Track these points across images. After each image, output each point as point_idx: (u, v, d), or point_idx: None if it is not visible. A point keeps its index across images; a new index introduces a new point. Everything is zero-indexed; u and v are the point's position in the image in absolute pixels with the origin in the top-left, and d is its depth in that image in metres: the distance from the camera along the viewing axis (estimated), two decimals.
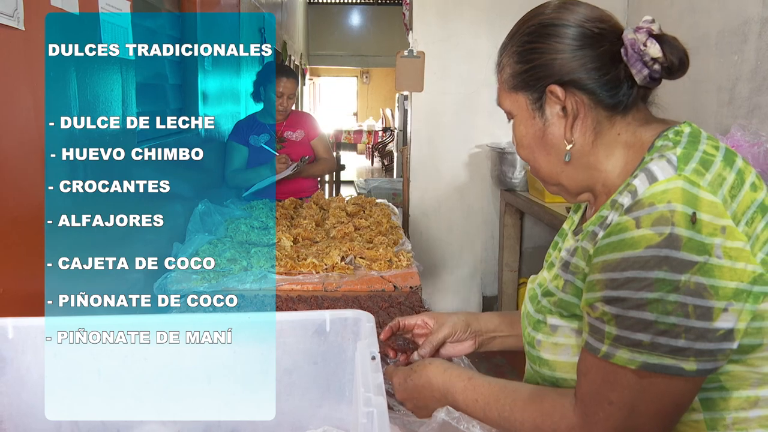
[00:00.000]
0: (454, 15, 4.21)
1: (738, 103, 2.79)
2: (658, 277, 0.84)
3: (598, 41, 1.01)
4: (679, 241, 0.84)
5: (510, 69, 1.08)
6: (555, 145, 1.06)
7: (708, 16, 3.04)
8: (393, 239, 2.54)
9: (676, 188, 0.87)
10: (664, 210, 0.86)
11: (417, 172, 4.39)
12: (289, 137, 3.46)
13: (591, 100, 1.02)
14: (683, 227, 0.84)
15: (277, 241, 2.47)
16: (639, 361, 0.87)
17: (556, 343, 1.06)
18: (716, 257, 0.83)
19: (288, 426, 1.14)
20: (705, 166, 0.90)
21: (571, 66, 1.01)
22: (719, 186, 0.88)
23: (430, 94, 4.26)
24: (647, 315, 0.85)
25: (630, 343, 0.87)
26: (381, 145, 12.93)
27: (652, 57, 0.97)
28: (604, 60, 1.01)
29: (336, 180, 6.81)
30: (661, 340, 0.85)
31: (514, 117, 1.11)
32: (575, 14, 1.04)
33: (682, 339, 0.84)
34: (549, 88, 1.03)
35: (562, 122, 1.04)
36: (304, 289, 2.08)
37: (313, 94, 16.65)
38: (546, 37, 1.03)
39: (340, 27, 15.39)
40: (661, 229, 0.85)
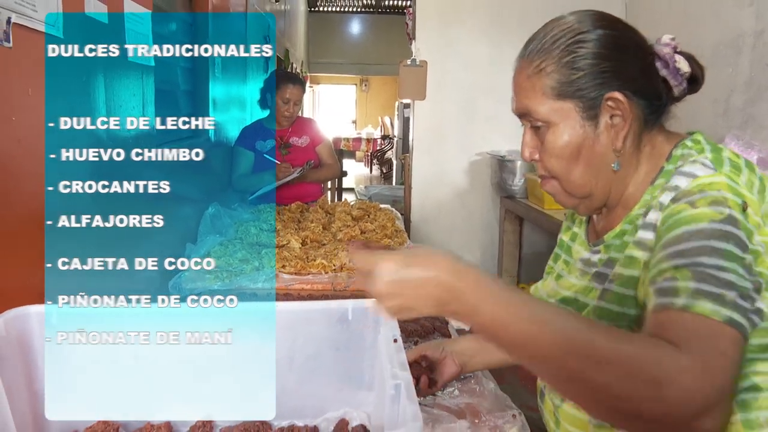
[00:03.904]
0: (455, 24, 4.30)
1: (732, 113, 2.88)
2: (728, 249, 0.83)
3: (643, 53, 1.03)
4: (737, 222, 0.85)
5: (559, 75, 1.02)
6: (600, 156, 1.03)
7: (703, 29, 3.13)
8: (398, 242, 2.62)
9: (722, 181, 0.89)
10: (717, 195, 0.87)
11: (418, 179, 4.47)
12: (294, 143, 3.54)
13: (640, 111, 1.03)
14: (738, 212, 0.85)
15: (286, 243, 2.55)
16: (724, 314, 0.78)
17: None
18: (758, 245, 0.86)
19: (311, 408, 1.19)
20: (736, 168, 0.94)
21: (630, 74, 1.01)
22: (750, 188, 0.92)
23: (432, 102, 4.34)
24: (728, 275, 0.81)
25: (711, 297, 0.79)
26: (380, 152, 13.00)
27: (684, 71, 1.02)
28: (649, 72, 1.03)
29: (338, 186, 6.89)
30: (740, 302, 0.80)
31: (551, 125, 1.04)
32: (622, 25, 1.05)
33: (747, 304, 0.80)
34: (610, 95, 1.00)
35: (611, 132, 1.02)
36: (314, 289, 2.16)
37: (312, 101, 16.73)
38: (599, 44, 1.01)
39: (341, 35, 15.51)
40: (721, 209, 0.86)
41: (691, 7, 3.27)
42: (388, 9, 14.91)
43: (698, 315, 0.78)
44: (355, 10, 15.35)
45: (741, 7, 2.88)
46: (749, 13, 2.82)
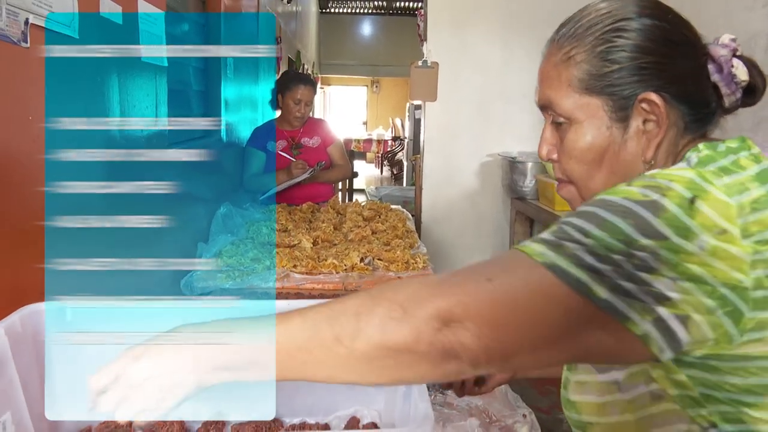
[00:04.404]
0: (467, 26, 4.30)
1: (744, 116, 2.87)
2: (616, 223, 0.70)
3: (695, 51, 0.90)
4: (661, 210, 0.70)
5: (589, 66, 0.90)
6: (626, 164, 0.90)
7: (715, 30, 3.10)
8: (409, 242, 2.62)
9: (683, 176, 0.75)
10: (660, 182, 0.74)
11: (429, 180, 4.47)
12: (306, 143, 3.55)
13: (679, 118, 0.89)
14: (674, 204, 0.71)
15: (297, 242, 2.56)
16: (549, 258, 0.69)
17: (579, 382, 0.91)
18: (697, 247, 0.68)
19: (322, 406, 1.20)
20: (726, 172, 0.78)
21: (675, 74, 0.88)
22: (738, 192, 0.74)
23: (443, 104, 4.35)
24: (585, 240, 0.69)
25: (550, 244, 0.71)
26: (391, 154, 13.01)
27: (741, 79, 0.88)
28: (698, 74, 0.89)
29: (349, 188, 6.90)
30: (586, 257, 0.68)
31: (573, 122, 0.93)
32: (672, 14, 0.91)
33: (608, 267, 0.67)
34: (644, 95, 0.87)
35: (641, 138, 0.89)
36: (325, 288, 2.16)
37: (323, 102, 16.78)
38: (643, 36, 0.88)
39: (352, 37, 15.55)
40: (649, 193, 0.72)
41: (702, 8, 3.25)
42: (400, 10, 14.93)
43: (520, 252, 0.72)
44: (366, 12, 15.39)
45: (754, 9, 2.86)
46: (762, 14, 2.81)
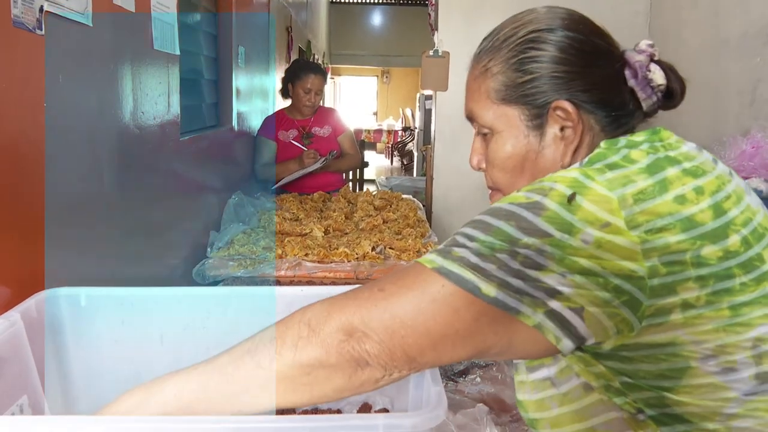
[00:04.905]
0: (478, 16, 4.28)
1: (759, 104, 2.85)
2: (500, 226, 0.75)
3: (610, 59, 0.93)
4: (542, 209, 0.75)
5: (504, 77, 0.94)
6: (544, 170, 0.93)
7: (730, 19, 3.09)
8: (420, 231, 2.63)
9: (568, 176, 0.79)
10: (545, 185, 0.79)
11: (440, 170, 4.46)
12: (316, 133, 3.56)
13: (596, 122, 0.92)
14: (555, 202, 0.75)
15: (309, 231, 2.57)
16: (438, 263, 0.75)
17: (520, 381, 0.94)
18: (581, 241, 0.73)
19: None
20: (611, 167, 0.81)
21: (585, 82, 0.91)
22: (621, 186, 0.77)
23: (454, 94, 4.33)
24: (470, 243, 0.76)
25: (440, 252, 0.77)
26: (401, 144, 13.00)
27: (657, 83, 0.91)
28: (613, 81, 0.92)
29: (359, 178, 6.90)
30: (472, 258, 0.74)
31: (494, 133, 0.97)
32: (585, 25, 0.94)
33: (494, 266, 0.73)
34: (557, 103, 0.91)
35: (559, 145, 0.92)
36: (336, 277, 2.17)
37: (334, 93, 16.78)
38: (557, 47, 0.91)
39: (362, 27, 15.51)
40: (532, 195, 0.77)
41: None
42: (410, 0, 14.88)
43: (415, 263, 0.78)
44: (377, 2, 15.35)
45: None
46: None
